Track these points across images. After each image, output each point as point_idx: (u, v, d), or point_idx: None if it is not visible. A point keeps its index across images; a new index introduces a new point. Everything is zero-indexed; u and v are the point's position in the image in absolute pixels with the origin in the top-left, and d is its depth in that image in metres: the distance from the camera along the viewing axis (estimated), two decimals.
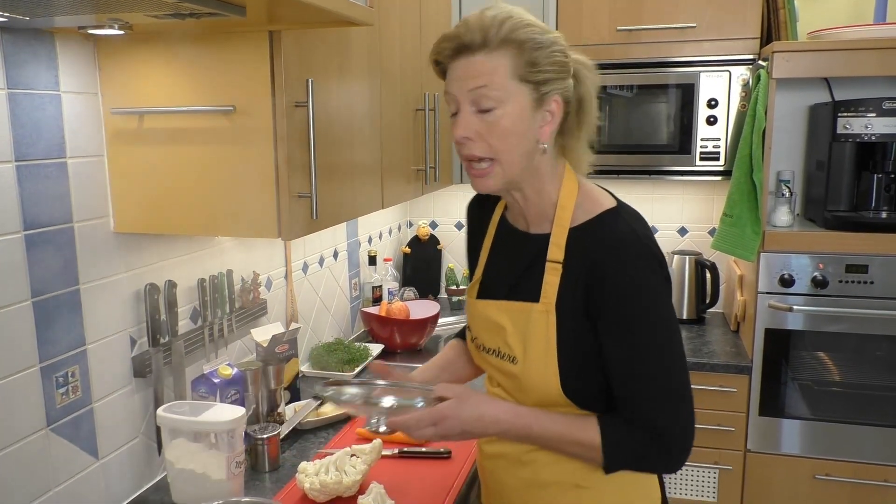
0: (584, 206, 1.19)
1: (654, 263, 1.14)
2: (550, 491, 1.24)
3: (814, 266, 2.29)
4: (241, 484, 1.45)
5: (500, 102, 1.11)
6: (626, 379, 1.15)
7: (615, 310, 1.13)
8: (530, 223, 1.25)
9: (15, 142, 1.22)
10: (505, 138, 1.12)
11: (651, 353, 1.14)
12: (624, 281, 1.12)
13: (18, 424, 1.25)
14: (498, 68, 1.10)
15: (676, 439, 1.15)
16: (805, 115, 2.67)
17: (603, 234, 1.16)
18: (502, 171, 1.15)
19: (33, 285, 1.27)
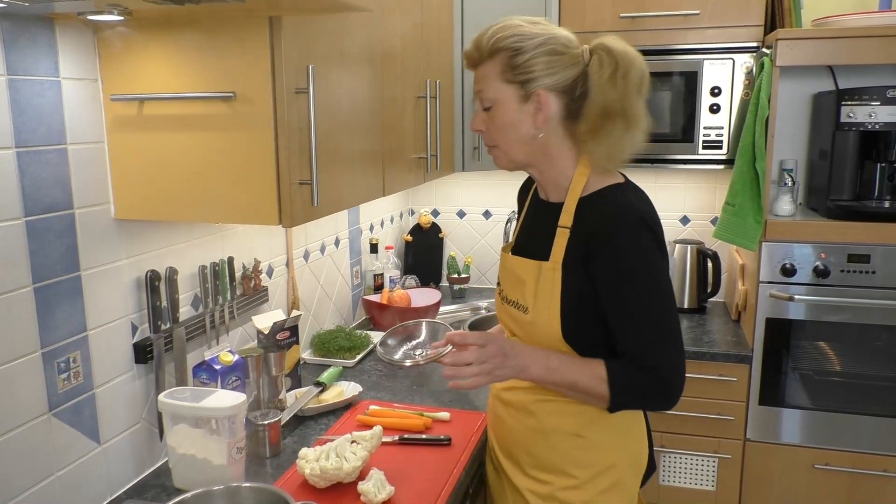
0: (595, 180, 1.38)
1: (645, 228, 1.31)
2: (552, 438, 1.43)
3: (815, 256, 2.29)
4: (241, 469, 1.46)
5: (494, 101, 1.36)
6: (628, 326, 1.33)
7: (613, 267, 1.31)
8: (549, 194, 1.46)
9: (15, 128, 1.22)
10: (501, 129, 1.38)
11: (648, 303, 1.32)
12: (618, 241, 1.30)
13: (20, 409, 1.26)
14: (489, 75, 1.35)
15: (675, 378, 1.33)
16: (808, 103, 2.66)
17: (604, 203, 1.34)
18: (504, 153, 1.41)
19: (34, 271, 1.28)
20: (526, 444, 1.47)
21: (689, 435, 2.48)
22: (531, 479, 1.47)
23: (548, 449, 1.44)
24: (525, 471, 1.48)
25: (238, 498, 1.30)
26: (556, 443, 1.43)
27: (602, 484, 1.42)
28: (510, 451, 1.52)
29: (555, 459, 1.43)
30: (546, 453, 1.44)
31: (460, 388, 1.34)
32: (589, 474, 1.42)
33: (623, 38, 2.57)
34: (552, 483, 1.44)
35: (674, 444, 2.50)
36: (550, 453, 1.44)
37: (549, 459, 1.44)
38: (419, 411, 1.78)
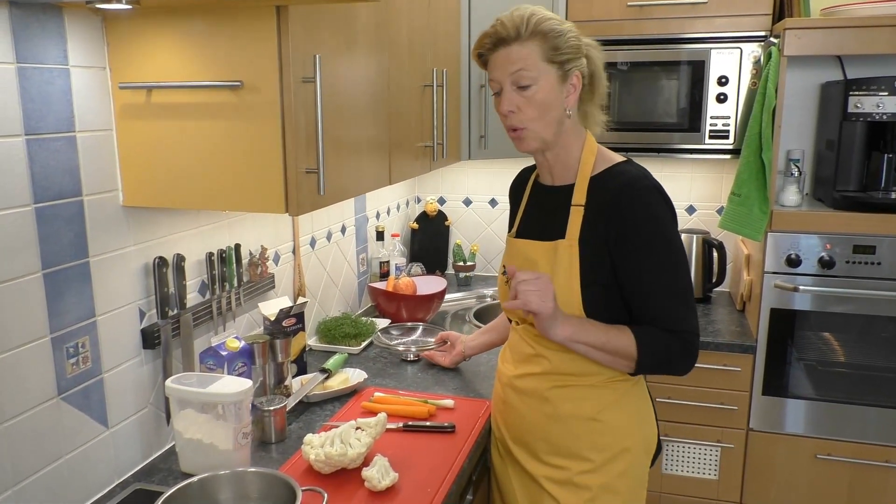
0: (601, 160, 1.47)
1: (661, 197, 1.40)
2: (568, 423, 1.48)
3: (821, 246, 2.29)
4: (247, 454, 1.48)
5: (534, 80, 1.39)
6: (650, 292, 1.39)
7: (633, 233, 1.37)
8: (555, 177, 1.51)
9: (25, 116, 1.23)
10: (539, 108, 1.41)
11: (667, 268, 1.39)
12: (637, 209, 1.38)
13: (30, 393, 1.28)
14: (531, 54, 1.39)
15: (695, 341, 1.40)
16: (816, 93, 2.65)
17: (618, 176, 1.43)
18: (535, 134, 1.43)
19: (44, 257, 1.29)
20: (542, 431, 1.51)
21: (692, 424, 2.49)
22: (547, 465, 1.51)
23: (564, 434, 1.48)
24: (540, 458, 1.52)
25: (244, 482, 1.32)
26: (572, 427, 1.48)
27: (618, 466, 1.47)
28: (523, 440, 1.55)
29: (571, 444, 1.48)
30: (563, 439, 1.48)
31: (514, 303, 1.36)
32: (605, 457, 1.47)
33: (631, 26, 2.59)
34: (569, 468, 1.48)
35: (677, 432, 2.51)
36: (567, 438, 1.48)
37: (565, 445, 1.48)
38: (423, 399, 1.80)
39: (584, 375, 1.47)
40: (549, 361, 1.48)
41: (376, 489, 1.40)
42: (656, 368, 1.46)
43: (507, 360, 1.61)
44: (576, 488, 1.48)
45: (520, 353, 1.55)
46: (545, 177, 1.56)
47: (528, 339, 1.53)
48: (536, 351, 1.51)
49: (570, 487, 1.48)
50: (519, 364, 1.56)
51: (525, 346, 1.54)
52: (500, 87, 1.42)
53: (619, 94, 2.60)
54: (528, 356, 1.53)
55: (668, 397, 2.48)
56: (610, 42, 2.55)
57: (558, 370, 1.48)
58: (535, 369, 1.51)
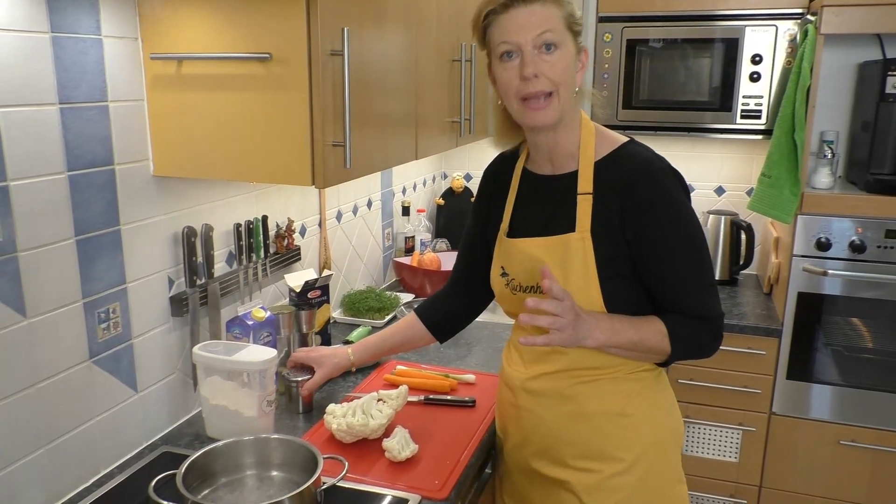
0: (603, 143, 1.36)
1: (674, 178, 1.32)
2: (594, 421, 1.37)
3: (852, 230, 2.26)
4: (271, 422, 1.51)
5: (559, 44, 1.28)
6: (675, 278, 1.32)
7: (654, 221, 1.29)
8: (555, 165, 1.39)
9: (59, 85, 1.26)
10: (564, 73, 1.29)
11: (691, 254, 1.32)
12: (656, 194, 1.29)
13: (63, 355, 1.31)
14: (554, 16, 1.27)
15: (721, 324, 1.35)
16: (854, 72, 2.58)
17: (628, 159, 1.33)
18: (559, 104, 1.30)
19: (77, 224, 1.32)
20: (565, 433, 1.39)
21: (714, 406, 2.49)
22: (575, 469, 1.39)
23: (592, 433, 1.38)
24: (566, 462, 1.40)
25: (267, 449, 1.35)
26: (600, 425, 1.37)
27: (650, 461, 1.38)
28: (544, 445, 1.42)
29: (601, 444, 1.37)
30: (590, 439, 1.38)
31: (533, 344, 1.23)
32: (635, 454, 1.37)
33: (663, 3, 2.54)
34: (601, 470, 1.37)
35: (699, 415, 2.51)
36: (595, 438, 1.37)
37: (594, 445, 1.37)
38: (445, 373, 1.82)
39: (605, 368, 1.36)
40: (568, 357, 1.37)
41: (396, 460, 1.42)
42: (687, 356, 1.38)
43: (514, 362, 1.48)
44: (609, 492, 1.36)
45: (531, 351, 1.43)
46: (542, 165, 1.42)
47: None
48: (553, 347, 1.36)
49: (602, 492, 1.36)
50: (531, 364, 1.43)
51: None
52: (519, 49, 1.27)
53: (650, 71, 2.57)
54: (541, 354, 1.41)
55: (690, 379, 2.48)
56: (641, 18, 2.52)
57: (578, 365, 1.37)
58: (552, 367, 1.39)
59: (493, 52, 1.32)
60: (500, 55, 1.30)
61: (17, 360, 1.22)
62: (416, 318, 1.65)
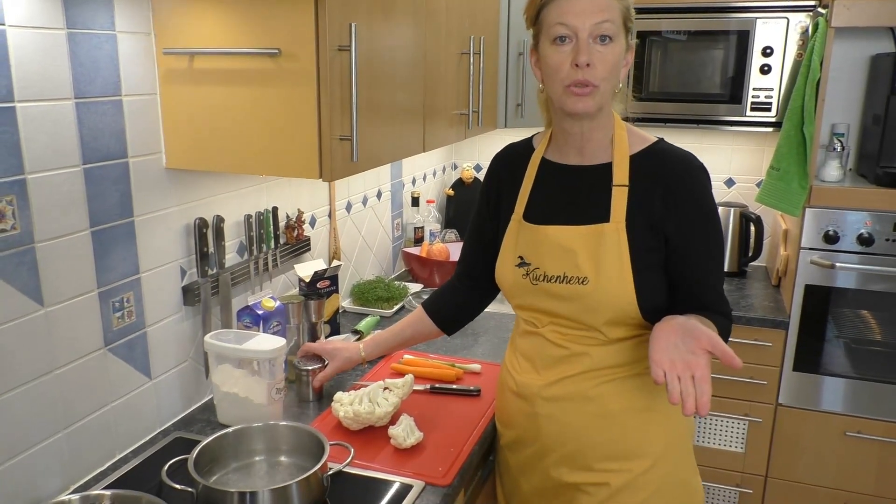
0: (635, 139, 1.39)
1: (708, 176, 1.36)
2: (620, 419, 1.37)
3: (860, 223, 2.26)
4: (280, 409, 1.55)
5: (615, 37, 1.28)
6: (708, 274, 1.35)
7: (695, 217, 1.32)
8: (585, 155, 1.40)
9: (74, 80, 1.29)
10: (611, 68, 1.29)
11: (719, 251, 1.38)
12: (697, 189, 1.33)
13: (80, 343, 1.36)
14: (614, 7, 1.27)
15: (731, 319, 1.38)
16: (866, 65, 2.57)
17: (668, 155, 1.36)
18: (600, 96, 1.30)
19: (92, 216, 1.36)
20: (592, 435, 1.38)
21: (720, 397, 2.50)
22: (599, 471, 1.38)
23: (617, 432, 1.37)
24: (591, 466, 1.39)
25: (276, 435, 1.39)
26: (625, 423, 1.37)
27: (675, 455, 1.40)
28: (566, 452, 1.41)
29: (626, 441, 1.37)
30: (616, 436, 1.37)
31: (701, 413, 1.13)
32: (661, 448, 1.38)
33: None
34: (630, 470, 1.36)
35: None
36: (621, 435, 1.37)
37: (619, 443, 1.37)
38: (451, 362, 1.85)
39: (627, 365, 1.36)
40: (591, 357, 1.36)
41: (401, 447, 1.46)
42: None
43: (524, 370, 1.45)
44: (636, 489, 1.36)
45: (548, 357, 1.40)
46: (570, 156, 1.41)
47: (560, 341, 1.39)
48: (573, 351, 1.37)
49: (630, 490, 1.36)
50: (547, 370, 1.40)
51: (555, 349, 1.39)
52: (574, 35, 1.26)
53: (661, 63, 2.57)
54: (561, 358, 1.39)
55: None
56: (653, 10, 2.52)
57: (601, 365, 1.36)
58: (574, 370, 1.38)
59: (544, 33, 1.30)
60: (554, 38, 1.28)
61: (35, 347, 1.26)
62: (423, 312, 1.67)
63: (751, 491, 2.57)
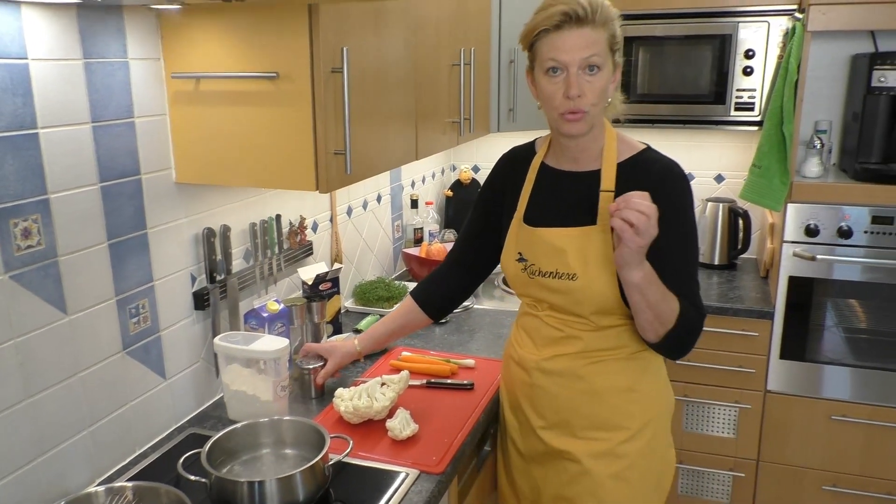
0: (624, 147, 1.51)
1: (689, 185, 1.49)
2: (605, 396, 1.53)
3: (840, 217, 2.35)
4: (285, 405, 1.66)
5: (602, 65, 1.40)
6: (681, 272, 1.46)
7: (674, 220, 1.41)
8: (579, 163, 1.52)
9: (91, 105, 1.40)
10: (600, 94, 1.42)
11: (694, 251, 1.50)
12: (678, 197, 1.45)
13: (100, 347, 1.47)
14: (601, 40, 1.39)
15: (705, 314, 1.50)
16: (847, 64, 2.66)
17: (653, 163, 1.48)
18: (591, 118, 1.43)
19: (109, 230, 1.47)
20: (578, 408, 1.54)
21: (711, 386, 2.60)
22: (584, 439, 1.54)
23: (601, 407, 1.53)
24: (576, 434, 1.55)
25: (280, 429, 1.50)
26: (609, 399, 1.53)
27: (651, 431, 1.55)
28: (556, 419, 1.56)
29: (609, 416, 1.53)
30: (599, 411, 1.53)
31: (618, 225, 1.31)
32: (640, 424, 1.53)
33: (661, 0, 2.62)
34: (609, 439, 1.53)
35: (697, 393, 2.63)
36: (604, 410, 1.53)
37: (603, 417, 1.53)
38: (447, 358, 1.96)
39: (614, 349, 1.52)
40: (583, 341, 1.51)
41: (398, 438, 1.57)
42: (677, 341, 1.45)
43: (526, 345, 1.61)
44: (615, 458, 1.52)
45: (545, 336, 1.56)
46: (565, 162, 1.54)
47: (555, 324, 1.54)
48: (567, 333, 1.53)
49: (608, 458, 1.52)
50: (545, 347, 1.56)
51: (551, 331, 1.55)
52: (565, 68, 1.38)
53: (648, 66, 2.66)
54: (556, 339, 1.54)
55: (687, 360, 2.59)
56: (639, 16, 2.61)
57: (591, 348, 1.51)
58: (568, 350, 1.53)
59: (538, 63, 1.43)
60: (546, 69, 1.41)
61: (61, 352, 1.38)
62: (412, 302, 1.79)
63: (743, 475, 2.67)
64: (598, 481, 1.52)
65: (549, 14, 1.38)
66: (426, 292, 1.79)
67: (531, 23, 1.42)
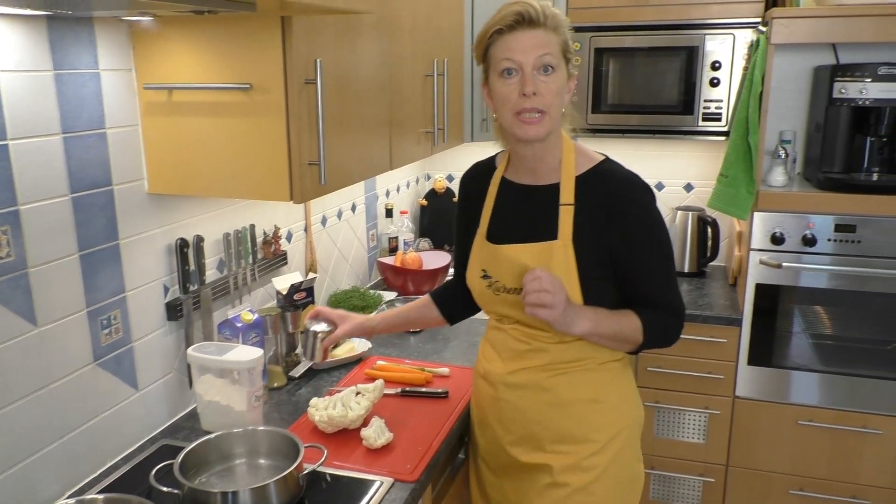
0: (582, 159, 1.51)
1: (650, 194, 1.50)
2: (570, 408, 1.53)
3: (804, 225, 2.41)
4: (259, 415, 1.66)
5: (556, 67, 1.41)
6: (652, 280, 1.49)
7: (635, 231, 1.45)
8: (538, 176, 1.52)
9: (62, 116, 1.40)
10: (556, 96, 1.43)
11: (664, 257, 1.51)
12: (638, 208, 1.46)
13: (71, 359, 1.46)
14: (553, 42, 1.41)
15: (683, 316, 1.54)
16: (810, 76, 2.73)
17: (611, 175, 1.49)
18: (549, 121, 1.43)
19: (80, 241, 1.47)
20: (543, 420, 1.53)
21: (681, 392, 2.64)
22: (552, 453, 1.53)
23: (567, 419, 1.52)
24: (544, 448, 1.54)
25: (254, 439, 1.50)
26: (575, 411, 1.52)
27: (619, 443, 1.54)
28: (523, 433, 1.56)
29: (575, 428, 1.52)
30: (566, 424, 1.52)
31: (536, 312, 1.37)
32: (607, 436, 1.52)
33: (628, 13, 2.68)
34: (576, 452, 1.52)
35: (667, 399, 2.67)
36: (570, 423, 1.52)
37: (569, 429, 1.52)
38: (421, 367, 1.97)
39: (581, 360, 1.51)
40: (549, 353, 1.51)
41: (373, 447, 1.58)
42: (655, 346, 1.53)
43: (492, 359, 1.61)
44: (582, 471, 1.51)
45: (511, 350, 1.56)
46: (524, 176, 1.54)
47: (522, 337, 1.54)
48: (533, 346, 1.53)
49: (576, 472, 1.51)
50: (510, 361, 1.56)
51: (518, 344, 1.55)
52: (520, 68, 1.40)
53: (617, 77, 2.71)
54: (523, 352, 1.54)
55: (658, 367, 2.63)
56: (609, 28, 2.66)
57: (557, 360, 1.51)
58: (533, 363, 1.53)
59: (493, 68, 1.44)
60: (501, 71, 1.42)
61: (30, 364, 1.37)
62: (430, 300, 1.81)
63: (713, 480, 2.71)
64: (565, 494, 1.52)
65: (502, 15, 1.41)
66: (444, 295, 1.80)
67: (484, 27, 1.45)
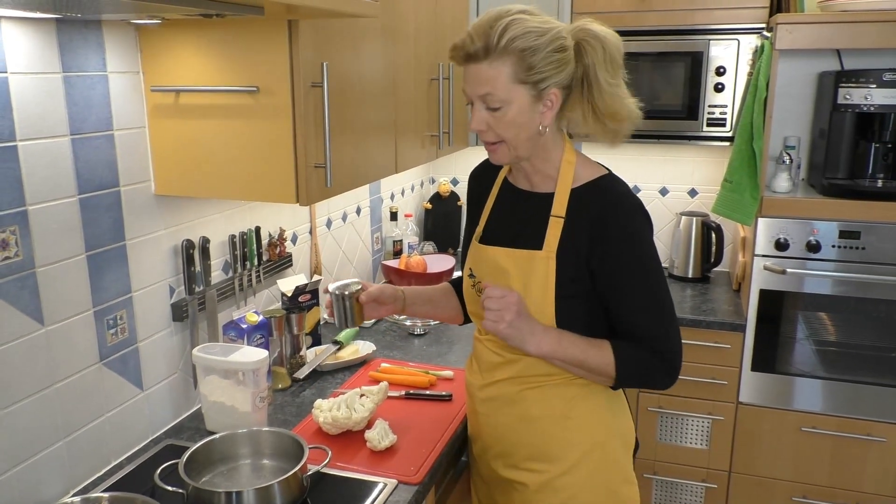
0: (582, 171, 1.44)
1: (644, 217, 1.40)
2: (541, 423, 1.47)
3: (809, 231, 2.41)
4: (264, 416, 1.67)
5: (504, 103, 1.32)
6: (632, 309, 1.39)
7: (619, 253, 1.36)
8: (534, 184, 1.48)
9: (70, 118, 1.41)
10: (511, 128, 1.35)
11: (650, 288, 1.39)
12: (624, 229, 1.37)
13: (77, 359, 1.47)
14: (500, 76, 1.30)
15: (677, 360, 1.41)
16: (814, 81, 2.73)
17: (604, 193, 1.40)
18: (509, 149, 1.38)
19: (87, 241, 1.48)
20: (515, 435, 1.50)
21: (684, 397, 2.64)
22: (525, 470, 1.50)
23: (537, 435, 1.47)
24: (517, 465, 1.51)
25: (259, 440, 1.51)
26: (544, 428, 1.47)
27: (594, 462, 1.47)
28: (498, 448, 1.54)
29: (545, 445, 1.47)
30: (537, 440, 1.48)
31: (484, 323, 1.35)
32: (578, 454, 1.46)
33: (632, 18, 2.69)
34: (548, 471, 1.47)
35: (670, 405, 2.67)
36: (540, 439, 1.47)
37: (539, 446, 1.48)
38: (426, 370, 1.98)
39: (552, 375, 1.45)
40: (522, 364, 1.47)
41: (377, 449, 1.58)
42: (635, 385, 1.46)
43: (473, 371, 1.59)
44: (553, 491, 1.47)
45: (486, 362, 1.53)
46: (522, 181, 1.50)
47: (495, 349, 1.51)
48: (506, 358, 1.49)
49: (547, 491, 1.47)
50: (485, 373, 1.54)
51: (491, 356, 1.52)
52: (471, 101, 1.36)
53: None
54: (495, 364, 1.51)
55: None
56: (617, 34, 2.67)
57: (529, 373, 1.46)
58: (504, 375, 1.49)
59: None
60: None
61: (37, 363, 1.38)
62: (450, 287, 1.75)
63: (716, 486, 2.71)
64: None
65: (450, 50, 1.36)
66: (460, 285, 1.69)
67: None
